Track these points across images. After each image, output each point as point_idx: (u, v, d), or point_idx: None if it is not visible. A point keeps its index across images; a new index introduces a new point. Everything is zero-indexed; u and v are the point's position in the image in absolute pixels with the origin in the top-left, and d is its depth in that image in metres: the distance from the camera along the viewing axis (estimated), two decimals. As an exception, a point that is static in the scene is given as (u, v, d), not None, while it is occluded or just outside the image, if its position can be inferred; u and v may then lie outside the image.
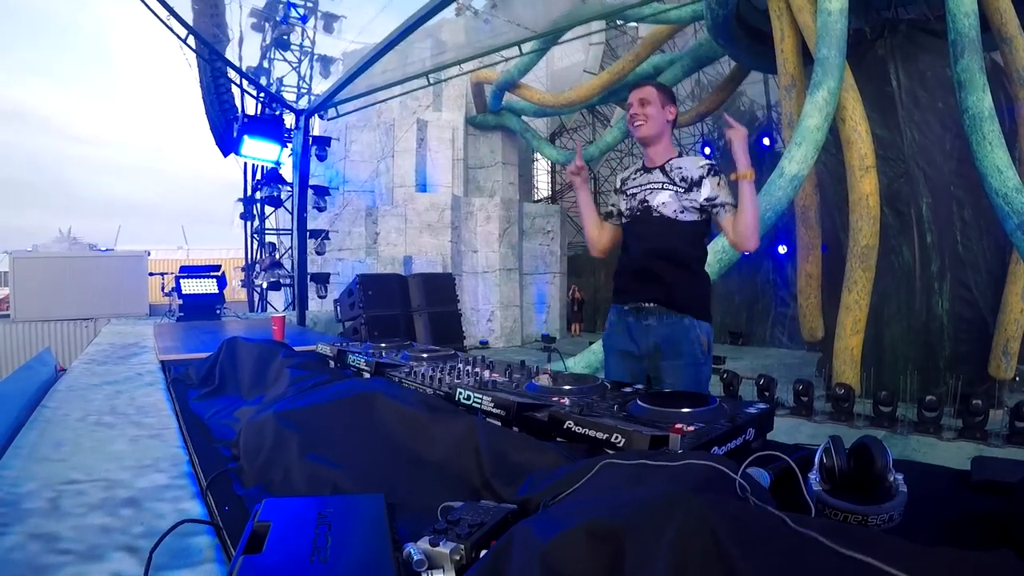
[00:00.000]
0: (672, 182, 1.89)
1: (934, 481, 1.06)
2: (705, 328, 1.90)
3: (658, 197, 1.90)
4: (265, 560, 0.63)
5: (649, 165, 1.97)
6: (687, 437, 0.99)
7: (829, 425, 6.38)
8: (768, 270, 12.51)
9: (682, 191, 1.87)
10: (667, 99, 1.95)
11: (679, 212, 1.87)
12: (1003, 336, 6.90)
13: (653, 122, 1.91)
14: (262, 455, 1.12)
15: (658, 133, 1.93)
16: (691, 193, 1.87)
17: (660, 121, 1.92)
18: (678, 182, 1.88)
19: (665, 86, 2.02)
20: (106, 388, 2.11)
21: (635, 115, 1.92)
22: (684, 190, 1.87)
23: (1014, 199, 5.47)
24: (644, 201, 1.93)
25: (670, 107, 1.96)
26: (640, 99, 1.93)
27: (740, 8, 8.12)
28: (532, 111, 13.38)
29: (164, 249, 19.42)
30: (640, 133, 1.93)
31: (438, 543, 0.67)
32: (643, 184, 1.95)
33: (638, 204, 1.95)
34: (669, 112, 1.95)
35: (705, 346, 1.90)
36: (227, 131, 8.45)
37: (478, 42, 6.48)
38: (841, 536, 0.57)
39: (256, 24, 11.61)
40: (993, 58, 6.97)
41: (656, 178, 1.92)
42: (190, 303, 5.64)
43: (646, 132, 1.92)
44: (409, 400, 1.25)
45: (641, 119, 1.92)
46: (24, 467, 1.21)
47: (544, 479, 0.89)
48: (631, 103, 1.95)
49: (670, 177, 1.90)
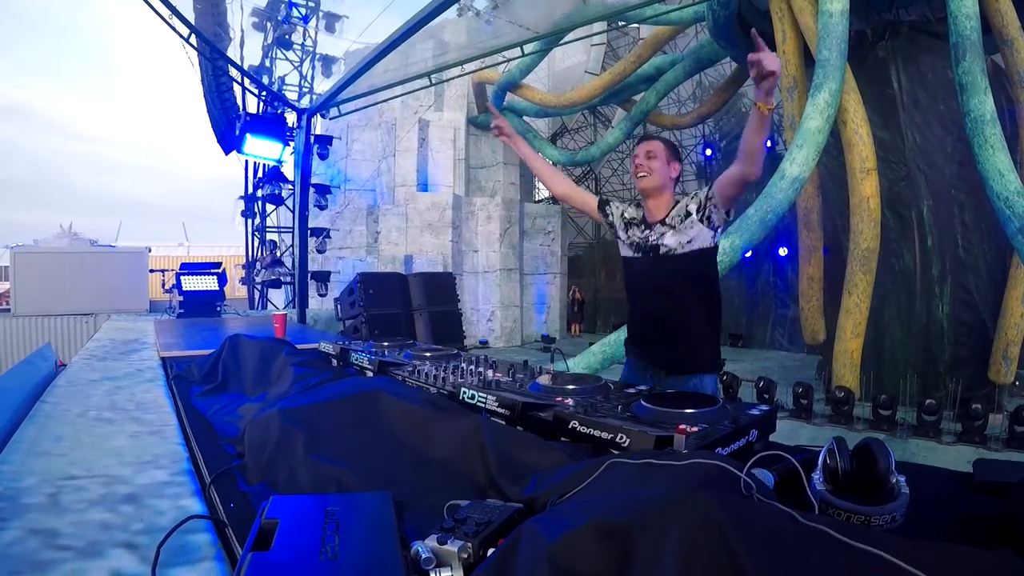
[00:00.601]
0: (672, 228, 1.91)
1: (935, 483, 1.06)
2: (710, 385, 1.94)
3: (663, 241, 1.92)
4: (274, 557, 0.62)
5: (651, 220, 1.98)
6: (691, 438, 0.99)
7: (829, 428, 6.37)
8: (768, 272, 12.52)
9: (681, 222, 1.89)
10: (673, 156, 1.97)
11: (686, 244, 1.88)
12: (1003, 340, 6.90)
13: (656, 176, 1.92)
14: (267, 452, 1.11)
15: (660, 187, 1.94)
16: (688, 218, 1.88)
17: (664, 176, 1.94)
18: (677, 226, 1.90)
19: (673, 144, 2.03)
20: (106, 384, 2.10)
21: (640, 166, 1.94)
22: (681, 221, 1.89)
23: (1015, 203, 5.47)
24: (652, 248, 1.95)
25: (675, 163, 1.97)
26: (647, 151, 1.95)
27: (741, 9, 8.12)
28: (533, 111, 13.39)
29: (165, 246, 19.41)
30: (642, 184, 1.95)
31: (446, 541, 0.66)
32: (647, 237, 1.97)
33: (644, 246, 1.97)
34: (673, 168, 1.96)
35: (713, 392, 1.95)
36: (228, 129, 8.44)
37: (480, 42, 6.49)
38: (846, 532, 0.58)
39: (258, 23, 11.62)
40: (994, 60, 6.97)
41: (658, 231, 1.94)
42: (190, 300, 5.64)
43: (647, 184, 1.94)
44: (413, 398, 1.25)
45: (645, 171, 1.93)
46: (24, 462, 1.21)
47: (550, 478, 0.89)
48: (637, 154, 1.96)
49: (671, 226, 1.92)
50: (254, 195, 11.22)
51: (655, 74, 11.63)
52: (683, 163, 2.10)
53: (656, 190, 1.94)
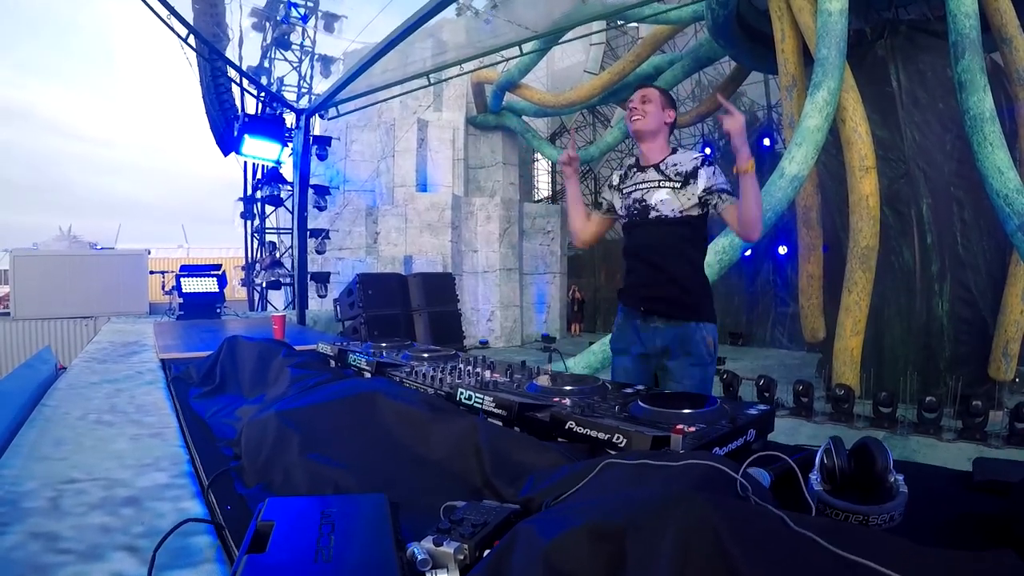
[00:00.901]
0: (668, 179, 1.90)
1: (934, 482, 1.06)
2: (711, 329, 1.93)
3: (655, 196, 1.91)
4: (269, 559, 0.63)
5: (644, 163, 1.98)
6: (688, 438, 0.99)
7: (829, 426, 6.38)
8: (768, 271, 12.51)
9: (678, 186, 1.88)
10: (668, 103, 1.99)
11: (677, 211, 1.88)
12: (1003, 337, 6.91)
13: (651, 119, 1.94)
14: (263, 454, 1.11)
15: (654, 130, 1.95)
16: (688, 187, 1.88)
17: (658, 120, 1.95)
18: (673, 178, 1.90)
19: (668, 92, 2.05)
20: (106, 386, 2.10)
21: (634, 108, 1.95)
22: (680, 185, 1.88)
23: (1015, 200, 5.48)
24: (641, 200, 1.94)
25: (669, 110, 1.98)
26: (642, 96, 1.96)
27: (740, 9, 8.12)
28: (532, 111, 13.38)
29: (164, 248, 19.38)
30: (636, 127, 1.96)
31: (442, 543, 0.67)
32: (639, 183, 1.96)
33: (635, 204, 1.96)
34: (668, 115, 1.97)
35: (711, 346, 1.92)
36: (227, 130, 8.44)
37: (479, 42, 6.48)
38: (839, 537, 0.58)
39: (257, 23, 11.61)
40: (993, 59, 6.97)
41: (652, 176, 1.93)
42: (190, 302, 5.65)
43: (642, 127, 1.94)
44: (410, 399, 1.25)
45: (639, 114, 1.94)
46: (24, 466, 1.21)
47: (546, 479, 0.89)
48: (632, 99, 1.97)
49: (665, 175, 1.91)
50: (253, 196, 11.22)
51: (654, 73, 11.62)
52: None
53: (650, 133, 1.95)
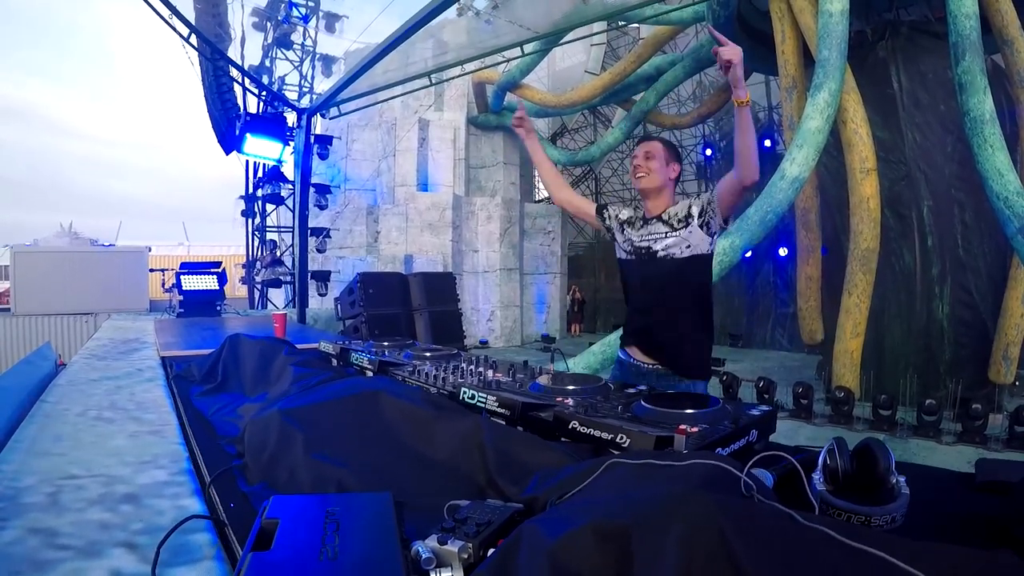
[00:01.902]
0: (672, 228, 1.91)
1: (936, 483, 1.06)
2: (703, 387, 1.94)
3: (661, 243, 1.92)
4: (274, 557, 0.62)
5: (648, 216, 1.98)
6: (691, 438, 0.99)
7: (829, 428, 6.38)
8: (768, 272, 12.52)
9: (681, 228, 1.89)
10: (672, 157, 1.97)
11: (685, 249, 1.88)
12: (1003, 340, 6.91)
13: (655, 176, 1.93)
14: (267, 452, 1.11)
15: (658, 188, 1.94)
16: (689, 226, 1.88)
17: (662, 176, 1.94)
18: (676, 225, 1.91)
19: (672, 145, 2.03)
20: (106, 383, 2.10)
21: (638, 167, 1.94)
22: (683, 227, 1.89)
23: (1015, 203, 5.48)
24: (648, 249, 1.95)
25: (674, 164, 1.97)
26: (645, 152, 1.95)
27: (741, 9, 8.12)
28: (533, 111, 13.38)
29: (165, 245, 19.40)
30: (640, 185, 1.96)
31: (446, 541, 0.66)
32: (645, 235, 1.97)
33: (642, 250, 1.97)
34: (672, 170, 1.96)
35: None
36: (229, 129, 8.44)
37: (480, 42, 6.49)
38: (846, 532, 0.58)
39: (258, 23, 11.62)
40: (994, 60, 6.98)
41: (658, 229, 1.94)
42: (191, 299, 5.64)
43: (646, 185, 1.94)
44: (413, 398, 1.25)
45: (643, 171, 1.93)
46: (24, 461, 1.20)
47: (550, 478, 0.89)
48: (636, 154, 1.97)
49: (670, 224, 1.92)
50: (254, 195, 11.23)
51: (655, 74, 11.63)
52: (683, 163, 2.09)
53: (655, 191, 1.94)
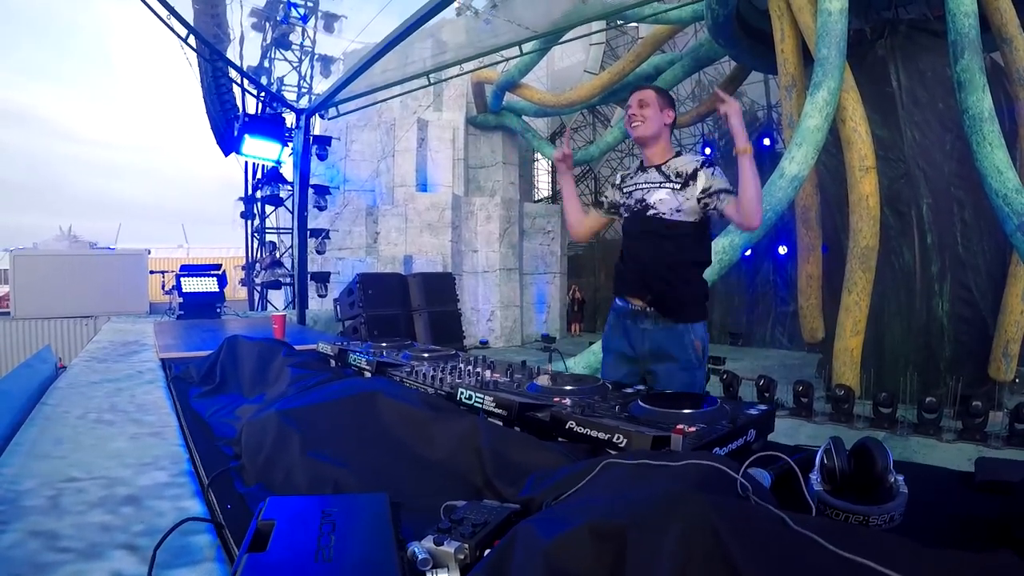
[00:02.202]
0: (668, 179, 1.91)
1: (935, 482, 1.06)
2: (699, 332, 1.92)
3: (655, 195, 1.91)
4: (269, 558, 0.63)
5: (647, 164, 1.99)
6: (689, 438, 0.99)
7: (829, 426, 6.38)
8: (768, 271, 12.51)
9: (678, 187, 1.89)
10: (666, 103, 1.98)
11: (675, 211, 1.89)
12: (1003, 338, 6.91)
13: (650, 123, 1.94)
14: (263, 453, 1.11)
15: (655, 134, 1.95)
16: (687, 189, 1.88)
17: (657, 123, 1.95)
18: (673, 179, 1.90)
19: (665, 91, 2.05)
20: (106, 386, 2.10)
21: (633, 115, 1.95)
22: (680, 186, 1.89)
23: (1014, 200, 5.47)
24: (641, 200, 1.95)
25: (668, 111, 1.98)
26: (639, 100, 1.96)
27: (740, 8, 8.12)
28: (532, 111, 13.38)
29: (165, 248, 19.37)
30: (637, 133, 1.96)
31: (442, 542, 0.67)
32: (640, 183, 1.98)
33: (635, 203, 1.97)
34: (667, 115, 1.97)
35: (699, 350, 1.92)
36: (228, 130, 8.44)
37: (479, 42, 6.48)
38: (840, 537, 0.58)
39: (257, 24, 11.60)
40: (993, 58, 6.97)
41: (653, 177, 1.95)
42: (190, 301, 5.64)
43: (643, 132, 1.95)
44: (410, 399, 1.25)
45: (639, 120, 1.94)
46: (24, 464, 1.21)
47: (546, 479, 0.89)
48: (630, 104, 1.97)
49: (666, 175, 1.92)
50: (253, 196, 11.22)
51: (654, 73, 11.62)
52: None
53: (652, 138, 1.95)
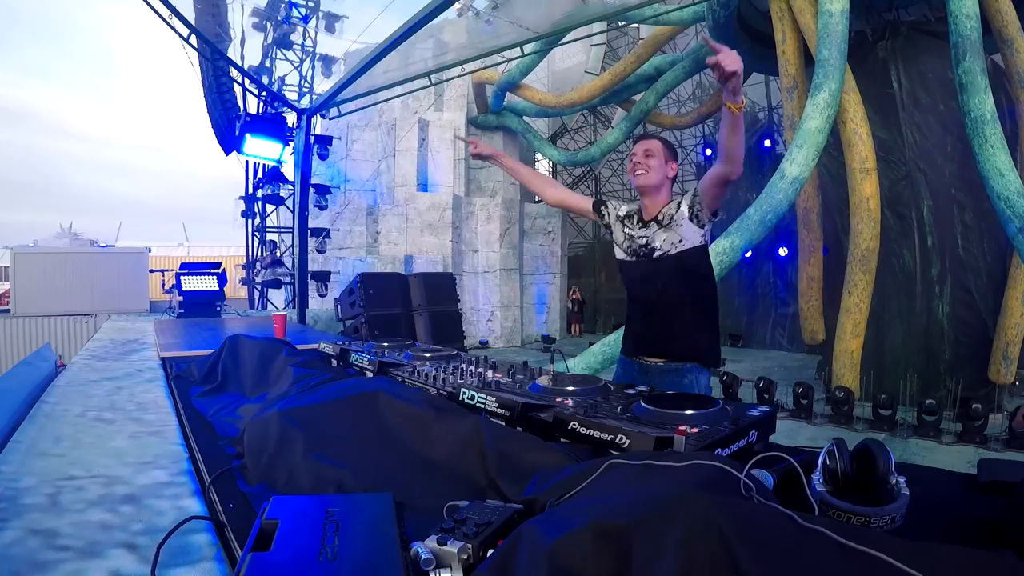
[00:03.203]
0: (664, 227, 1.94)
1: (936, 484, 1.06)
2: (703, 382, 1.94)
3: (657, 242, 1.94)
4: (273, 558, 0.62)
5: (647, 218, 2.00)
6: (691, 439, 0.99)
7: (829, 428, 6.38)
8: (768, 272, 12.52)
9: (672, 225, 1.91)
10: (670, 156, 1.98)
11: (679, 243, 1.90)
12: (1003, 340, 6.91)
13: (654, 174, 1.94)
14: (266, 453, 1.11)
15: (657, 185, 1.96)
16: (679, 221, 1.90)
17: (661, 174, 1.95)
18: (667, 223, 1.93)
19: (670, 144, 2.05)
20: (106, 384, 2.10)
21: (637, 163, 1.96)
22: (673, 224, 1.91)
23: (1016, 202, 5.48)
24: (646, 246, 1.97)
25: (672, 163, 1.98)
26: (645, 150, 1.96)
27: (741, 10, 8.13)
28: (533, 111, 13.39)
29: (165, 246, 19.40)
30: (639, 183, 1.97)
31: (445, 542, 0.66)
32: (643, 234, 1.99)
33: (640, 248, 1.99)
34: (671, 168, 1.98)
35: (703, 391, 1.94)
36: (229, 129, 8.44)
37: (480, 43, 6.47)
38: (846, 532, 0.58)
39: (258, 24, 11.61)
40: (994, 60, 6.97)
41: (652, 229, 1.96)
42: (190, 300, 5.64)
43: (645, 183, 1.95)
44: (413, 399, 1.25)
45: (643, 169, 1.95)
46: (23, 462, 1.21)
47: (550, 479, 0.89)
48: (635, 152, 1.98)
49: (662, 224, 1.94)
50: (254, 195, 11.22)
51: (655, 74, 11.63)
52: (681, 163, 2.11)
53: (653, 188, 1.96)
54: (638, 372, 2.00)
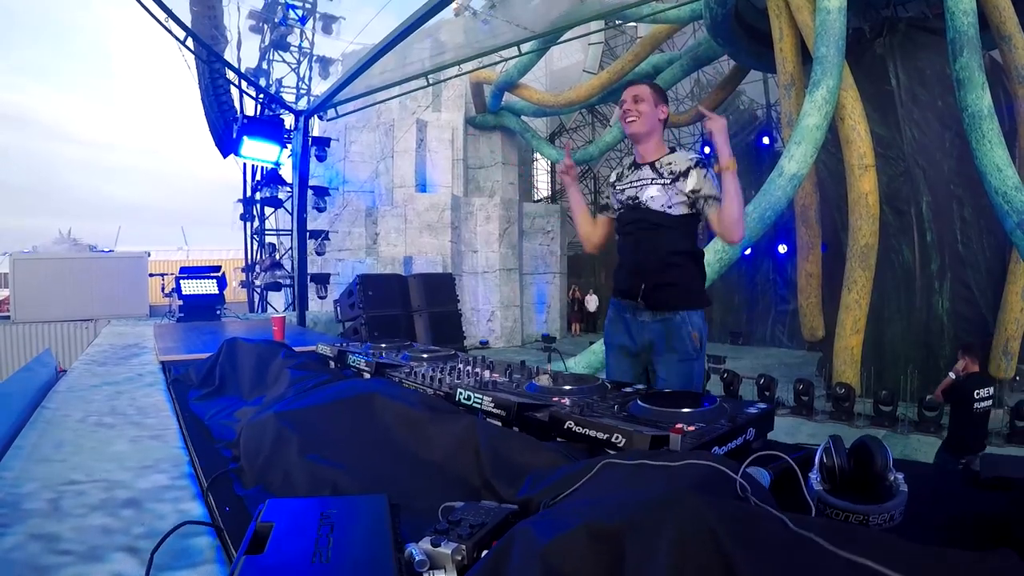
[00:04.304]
0: (660, 176, 1.93)
1: (934, 481, 1.06)
2: (696, 322, 1.92)
3: (646, 192, 1.93)
4: (266, 560, 0.63)
5: (640, 162, 2.00)
6: (687, 437, 0.99)
7: (830, 424, 6.38)
8: (768, 269, 12.52)
9: (669, 183, 1.90)
10: (660, 98, 1.99)
11: (667, 206, 1.90)
12: (1003, 335, 6.91)
13: (645, 119, 1.94)
14: (262, 455, 1.12)
15: (649, 130, 1.96)
16: (677, 184, 1.90)
17: (652, 119, 1.96)
18: (666, 175, 1.92)
19: (659, 86, 2.06)
20: (106, 389, 2.10)
21: (628, 111, 1.96)
22: (671, 182, 1.90)
23: (1013, 197, 5.48)
24: (634, 197, 1.97)
25: (662, 106, 1.99)
26: (633, 95, 1.96)
27: (739, 7, 8.12)
28: (531, 111, 13.39)
29: (164, 250, 19.39)
30: (631, 129, 1.97)
31: (440, 543, 0.67)
32: (633, 181, 1.99)
33: (627, 199, 1.99)
34: (661, 111, 1.98)
35: (696, 341, 1.92)
36: (226, 132, 8.44)
37: (477, 42, 6.47)
38: (840, 537, 0.57)
39: (255, 26, 11.60)
40: (992, 56, 6.97)
41: (646, 174, 1.96)
42: (190, 304, 5.63)
43: (637, 128, 1.95)
44: (409, 400, 1.25)
45: (633, 115, 1.95)
46: (24, 468, 1.21)
47: (544, 479, 0.89)
48: (624, 99, 1.98)
49: (659, 172, 1.94)
50: (252, 198, 11.21)
51: (653, 72, 11.62)
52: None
53: (646, 134, 1.96)
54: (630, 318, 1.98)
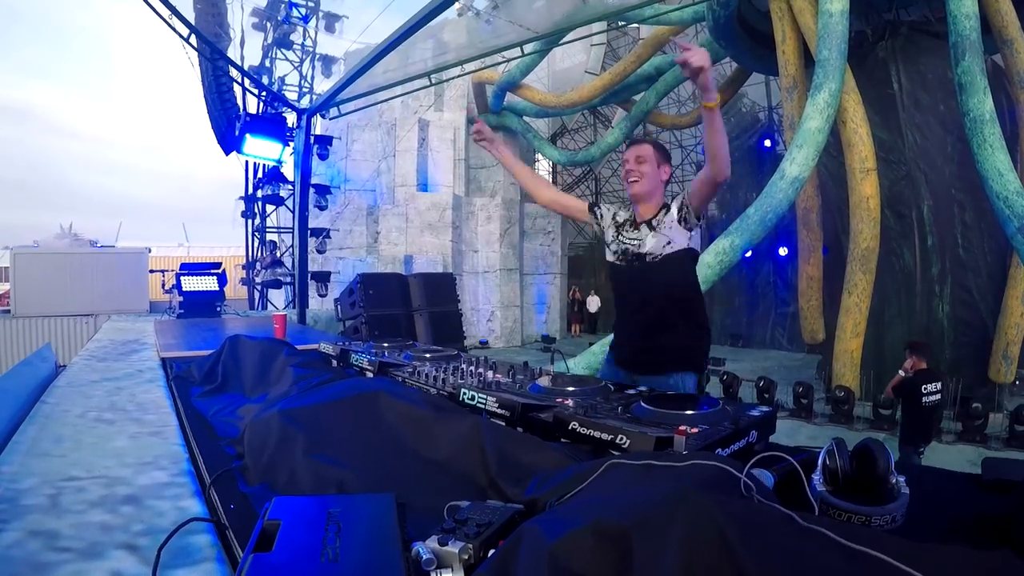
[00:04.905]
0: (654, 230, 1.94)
1: (935, 484, 1.06)
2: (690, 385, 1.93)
3: (647, 247, 1.94)
4: (275, 559, 0.63)
5: (639, 220, 2.00)
6: (691, 439, 0.99)
7: (829, 427, 6.38)
8: (768, 272, 12.52)
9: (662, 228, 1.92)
10: (663, 158, 1.98)
11: (665, 246, 1.90)
12: (1003, 340, 6.91)
13: (647, 180, 1.94)
14: (267, 453, 1.11)
15: (650, 191, 1.95)
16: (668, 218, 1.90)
17: (654, 180, 1.95)
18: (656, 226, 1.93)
19: (663, 147, 2.05)
20: (106, 384, 2.10)
21: (630, 171, 1.95)
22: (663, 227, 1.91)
23: (1015, 202, 5.48)
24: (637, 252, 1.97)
25: (665, 167, 1.98)
26: (636, 156, 1.95)
27: (741, 10, 8.12)
28: (533, 111, 13.39)
29: (165, 246, 19.37)
30: (633, 190, 1.96)
31: (447, 542, 0.67)
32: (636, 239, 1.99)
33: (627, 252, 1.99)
34: (664, 172, 1.98)
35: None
36: (229, 129, 8.44)
37: (480, 43, 6.47)
38: (846, 532, 0.58)
39: (258, 24, 11.60)
40: (994, 60, 6.98)
41: (644, 232, 1.96)
42: (190, 300, 5.63)
43: (638, 190, 1.95)
44: (413, 399, 1.25)
45: (636, 176, 1.94)
46: (24, 463, 1.20)
47: (551, 479, 0.89)
48: (627, 159, 1.97)
49: (652, 227, 1.95)
50: (254, 195, 11.21)
51: (655, 74, 11.63)
52: (682, 163, 2.11)
53: (647, 194, 1.96)
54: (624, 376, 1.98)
